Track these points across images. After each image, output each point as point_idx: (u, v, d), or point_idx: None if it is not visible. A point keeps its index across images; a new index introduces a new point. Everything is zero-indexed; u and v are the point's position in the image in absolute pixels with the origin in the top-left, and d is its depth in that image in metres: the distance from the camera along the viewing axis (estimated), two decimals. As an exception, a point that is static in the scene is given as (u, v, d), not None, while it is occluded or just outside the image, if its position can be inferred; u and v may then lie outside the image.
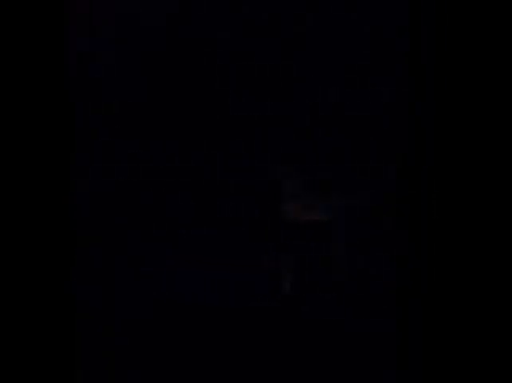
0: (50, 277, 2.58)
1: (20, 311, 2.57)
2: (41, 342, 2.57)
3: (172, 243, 2.95)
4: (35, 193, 2.60)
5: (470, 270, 2.53)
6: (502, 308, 2.51)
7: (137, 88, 2.99)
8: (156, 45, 2.99)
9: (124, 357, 2.92)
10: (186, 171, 2.96)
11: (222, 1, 2.95)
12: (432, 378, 2.56)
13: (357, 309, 2.84)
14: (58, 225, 2.60)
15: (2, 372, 2.54)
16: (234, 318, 2.92)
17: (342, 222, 2.88)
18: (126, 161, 2.98)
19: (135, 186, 2.97)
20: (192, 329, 2.92)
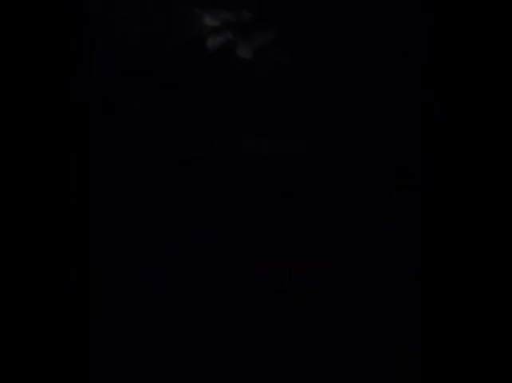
0: (50, 277, 2.59)
1: (20, 311, 2.57)
2: (41, 342, 2.58)
3: (172, 243, 2.96)
4: (35, 193, 2.60)
5: (472, 271, 2.54)
6: (502, 310, 2.52)
7: (137, 88, 3.00)
8: (156, 44, 3.00)
9: (123, 357, 2.92)
10: (186, 171, 2.97)
11: (222, 1, 2.96)
12: (432, 378, 2.56)
13: (357, 309, 2.85)
14: (58, 225, 2.61)
15: (2, 372, 2.54)
16: (233, 318, 2.92)
17: (342, 222, 2.88)
18: (126, 161, 2.98)
19: (135, 186, 2.98)
20: (192, 329, 2.93)
